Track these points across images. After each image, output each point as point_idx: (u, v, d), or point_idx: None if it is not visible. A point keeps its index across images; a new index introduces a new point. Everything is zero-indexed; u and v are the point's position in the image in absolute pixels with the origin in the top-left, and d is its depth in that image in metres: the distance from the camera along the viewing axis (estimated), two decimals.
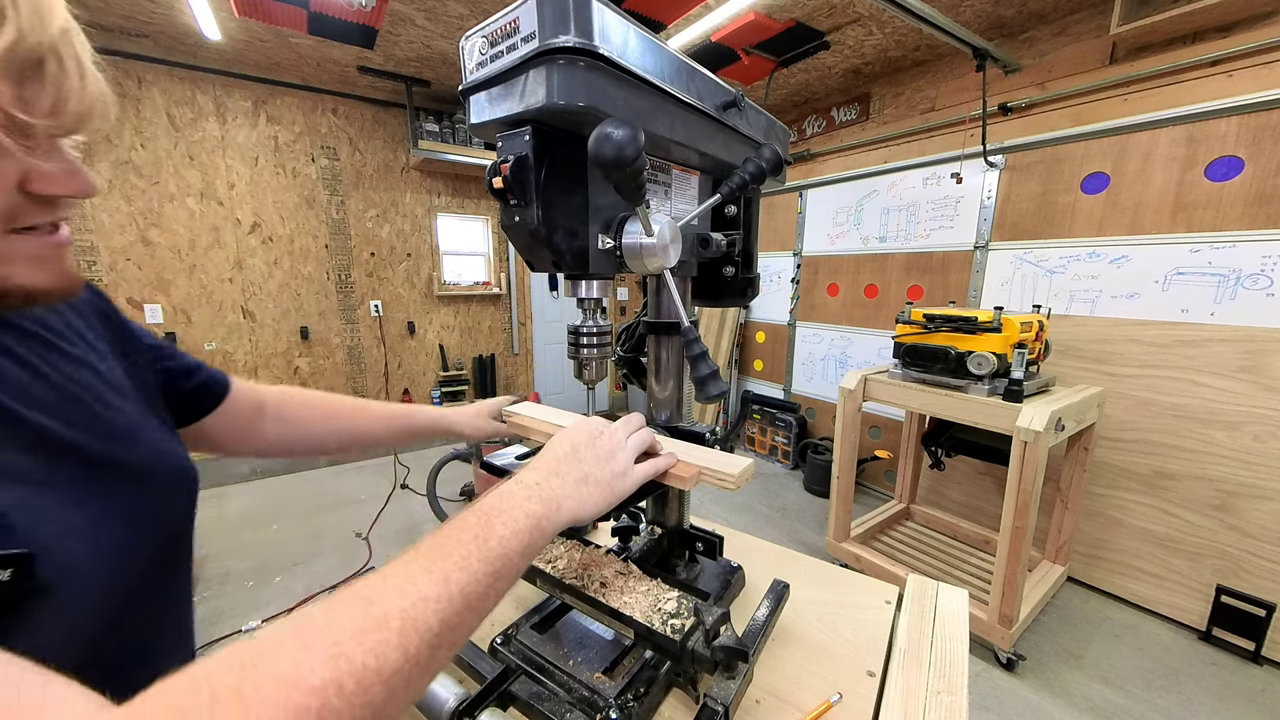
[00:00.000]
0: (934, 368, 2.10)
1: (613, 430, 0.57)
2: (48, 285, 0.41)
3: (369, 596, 0.34)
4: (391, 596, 0.34)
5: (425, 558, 0.38)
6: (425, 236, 4.42)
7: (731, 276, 0.79)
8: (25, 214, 0.38)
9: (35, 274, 0.40)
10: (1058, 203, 2.61)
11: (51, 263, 0.41)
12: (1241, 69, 2.12)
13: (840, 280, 3.70)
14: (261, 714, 0.26)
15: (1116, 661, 2.03)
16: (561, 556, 0.68)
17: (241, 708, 0.26)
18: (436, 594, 0.35)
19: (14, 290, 0.39)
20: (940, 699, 0.61)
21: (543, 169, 0.51)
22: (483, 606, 0.39)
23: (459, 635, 0.37)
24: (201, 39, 3.00)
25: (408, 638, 0.32)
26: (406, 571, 0.36)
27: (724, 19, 2.60)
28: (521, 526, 0.43)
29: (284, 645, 0.30)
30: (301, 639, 0.30)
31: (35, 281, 0.40)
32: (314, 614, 0.32)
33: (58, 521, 0.40)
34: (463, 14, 2.73)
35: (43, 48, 0.34)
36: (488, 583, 0.39)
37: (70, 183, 0.39)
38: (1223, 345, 2.11)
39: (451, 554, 0.38)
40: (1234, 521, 2.10)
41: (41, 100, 0.34)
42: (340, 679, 0.29)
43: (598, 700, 0.59)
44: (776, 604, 0.75)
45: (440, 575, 0.36)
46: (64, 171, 0.39)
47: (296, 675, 0.28)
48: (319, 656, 0.29)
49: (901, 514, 2.92)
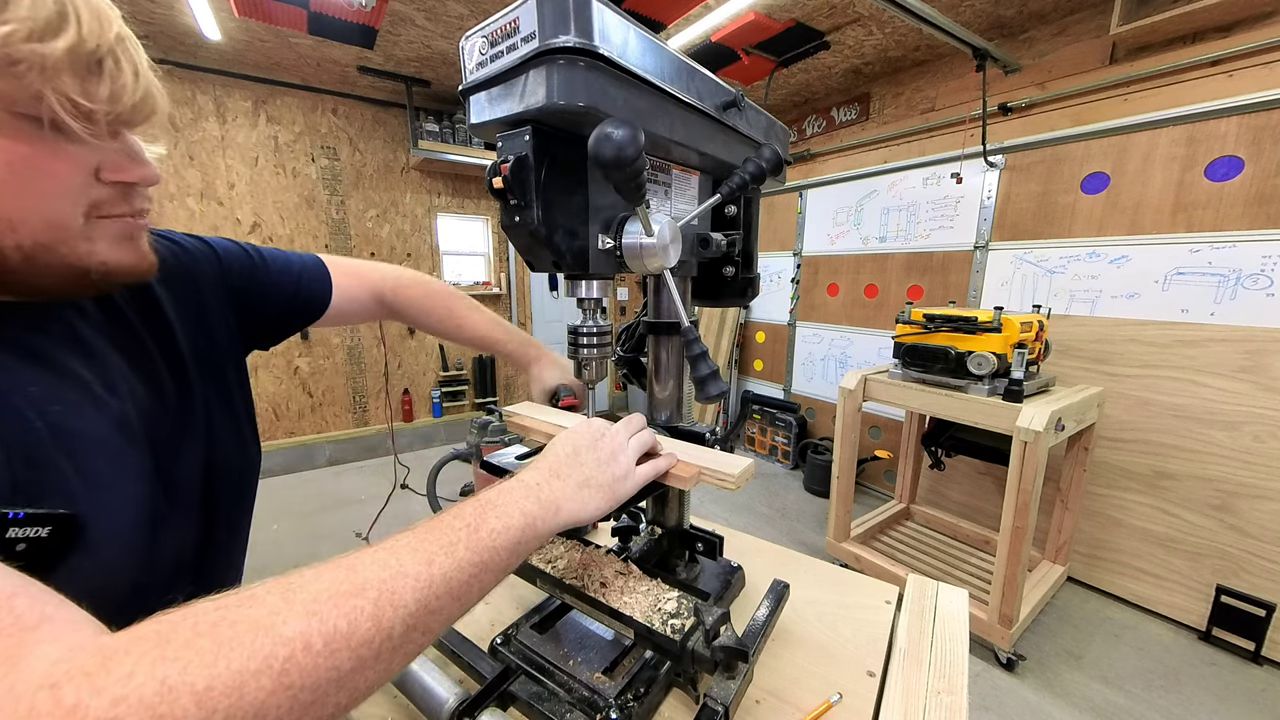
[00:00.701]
0: (934, 368, 2.10)
1: (614, 432, 0.57)
2: (125, 263, 0.46)
3: (353, 565, 0.35)
4: (373, 568, 0.35)
5: (415, 538, 0.39)
6: (425, 236, 4.42)
7: (731, 276, 0.79)
8: (104, 202, 0.44)
9: (113, 252, 0.45)
10: (1058, 203, 2.61)
11: (129, 243, 0.47)
12: (1241, 69, 2.12)
13: (840, 280, 3.70)
14: (232, 653, 0.28)
15: (1116, 661, 2.03)
16: (561, 556, 0.68)
17: (214, 643, 0.28)
18: (417, 573, 0.36)
19: (96, 268, 0.44)
20: (940, 699, 0.61)
21: (543, 169, 0.51)
22: (465, 595, 0.39)
23: (437, 621, 0.37)
24: (201, 39, 2.99)
25: (382, 609, 0.33)
26: (394, 548, 0.38)
27: (724, 19, 2.60)
28: (515, 523, 0.44)
29: (268, 595, 0.32)
30: (283, 592, 0.32)
31: (114, 259, 0.45)
32: (303, 573, 0.34)
33: (116, 490, 0.45)
34: (463, 14, 2.73)
35: (102, 50, 0.40)
36: (472, 572, 0.39)
37: (137, 171, 0.45)
38: (1223, 345, 2.11)
39: (441, 538, 0.40)
40: (1234, 521, 2.10)
41: (100, 91, 0.40)
42: (309, 635, 0.30)
43: (598, 700, 0.59)
44: (776, 604, 0.75)
45: (425, 556, 0.38)
46: (132, 162, 0.45)
47: (270, 622, 0.30)
48: (295, 610, 0.31)
49: (901, 514, 2.92)
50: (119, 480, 0.46)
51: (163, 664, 0.27)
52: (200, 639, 0.28)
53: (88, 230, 0.43)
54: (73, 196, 0.41)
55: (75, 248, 0.42)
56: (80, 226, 0.42)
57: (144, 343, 0.55)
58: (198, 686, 0.26)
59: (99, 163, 0.42)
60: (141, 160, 0.46)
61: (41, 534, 0.38)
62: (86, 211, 0.42)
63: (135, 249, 0.47)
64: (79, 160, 0.41)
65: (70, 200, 0.41)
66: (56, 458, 0.42)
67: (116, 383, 0.50)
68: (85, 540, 0.42)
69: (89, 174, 0.42)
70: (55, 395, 0.45)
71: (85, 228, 0.43)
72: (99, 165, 0.42)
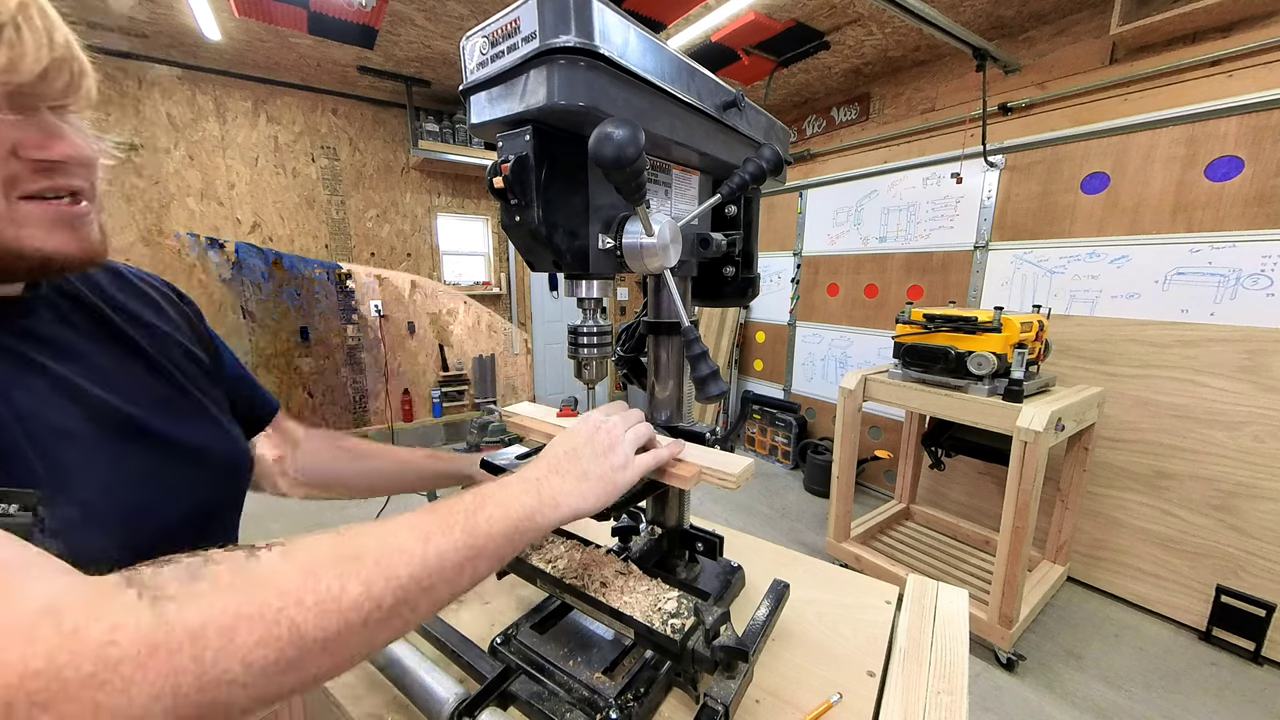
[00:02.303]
0: (934, 368, 2.10)
1: (611, 425, 0.57)
2: (63, 250, 0.44)
3: (353, 534, 0.37)
4: (371, 539, 0.37)
5: (415, 517, 0.41)
6: (425, 236, 4.42)
7: (731, 276, 0.79)
8: (25, 180, 0.41)
9: (48, 238, 0.43)
10: (1058, 203, 2.61)
11: (64, 229, 0.44)
12: (1241, 69, 2.12)
13: (840, 280, 3.70)
14: (229, 597, 0.30)
15: (1116, 661, 2.03)
16: (561, 556, 0.68)
17: (212, 586, 0.30)
18: (413, 549, 0.38)
19: (30, 253, 0.43)
20: (940, 699, 0.61)
21: (543, 169, 0.51)
22: (456, 580, 0.40)
23: (426, 600, 0.38)
24: (201, 39, 2.99)
25: (374, 578, 0.35)
26: (395, 524, 0.39)
27: (724, 19, 2.60)
28: (512, 512, 0.45)
29: (267, 553, 0.34)
30: (283, 551, 0.34)
31: (49, 245, 0.43)
32: (303, 538, 0.36)
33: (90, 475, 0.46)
34: (463, 14, 2.73)
35: (1, 17, 0.37)
36: (466, 554, 0.40)
37: (58, 147, 0.42)
38: (1223, 345, 2.11)
39: (439, 521, 0.41)
40: (1234, 521, 2.10)
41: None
42: (302, 592, 0.32)
43: (598, 700, 0.59)
44: (776, 604, 0.75)
45: (421, 534, 0.39)
46: (52, 138, 0.42)
47: (267, 576, 0.32)
48: (293, 568, 0.33)
49: (901, 514, 2.91)
50: (90, 472, 0.46)
51: (161, 601, 0.28)
52: (198, 583, 0.29)
53: (11, 213, 0.41)
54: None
55: (1, 231, 0.41)
56: (2, 209, 0.41)
57: (125, 338, 0.56)
58: (192, 623, 0.27)
59: (18, 139, 0.41)
60: (62, 135, 0.43)
61: (9, 510, 0.38)
62: (3, 190, 0.41)
63: (75, 235, 0.45)
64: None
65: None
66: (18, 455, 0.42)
67: (94, 377, 0.50)
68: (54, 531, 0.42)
69: (4, 151, 0.40)
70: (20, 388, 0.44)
71: (9, 210, 0.41)
72: (17, 141, 0.41)
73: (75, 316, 0.53)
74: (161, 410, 0.55)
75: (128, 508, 0.48)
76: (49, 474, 0.43)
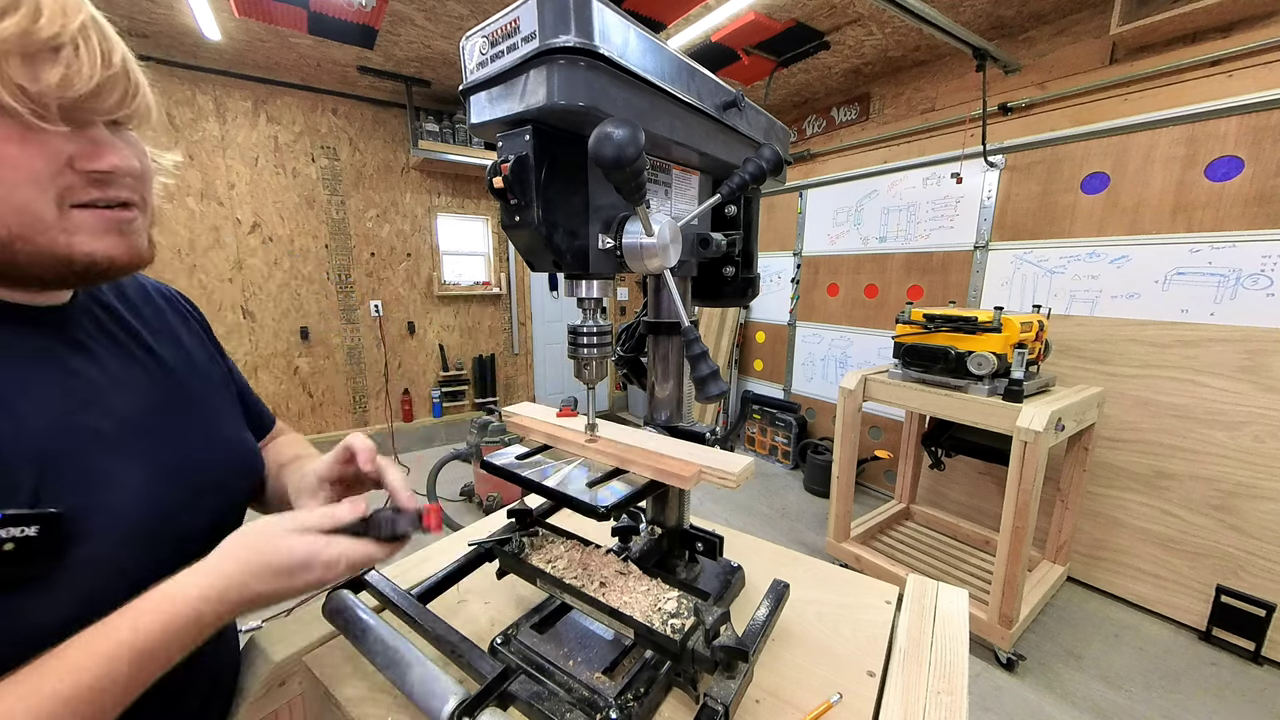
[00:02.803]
0: (934, 368, 2.10)
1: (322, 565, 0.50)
2: (110, 255, 0.46)
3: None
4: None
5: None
6: (425, 236, 4.42)
7: (731, 276, 0.79)
8: (79, 191, 0.43)
9: (95, 243, 0.45)
10: (1058, 203, 2.60)
11: (112, 234, 0.46)
12: (1241, 69, 2.12)
13: (840, 280, 3.70)
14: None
15: (1116, 661, 2.03)
16: (561, 556, 0.68)
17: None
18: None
19: (79, 258, 0.45)
20: (940, 699, 0.61)
21: (543, 169, 0.51)
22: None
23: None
24: (201, 39, 2.99)
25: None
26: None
27: (724, 19, 2.60)
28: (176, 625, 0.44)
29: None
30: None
31: (98, 250, 0.45)
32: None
33: (111, 475, 0.47)
34: (463, 14, 2.72)
35: (63, 37, 0.39)
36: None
37: (108, 159, 0.44)
38: (1223, 345, 2.11)
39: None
40: (1234, 521, 2.10)
41: (49, 77, 0.39)
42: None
43: (598, 700, 0.59)
44: (776, 604, 0.74)
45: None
46: (103, 150, 0.44)
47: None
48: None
49: (901, 514, 2.91)
50: (122, 476, 0.48)
51: None
52: None
53: (64, 221, 0.43)
54: (41, 184, 0.41)
55: (54, 239, 0.43)
56: (55, 217, 0.42)
57: (148, 345, 0.58)
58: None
59: (74, 152, 0.43)
60: (114, 148, 0.45)
61: (30, 533, 0.39)
62: (58, 199, 0.42)
63: (122, 241, 0.47)
64: (48, 148, 0.41)
65: (39, 188, 0.41)
66: (59, 456, 0.43)
67: (122, 382, 0.52)
68: (85, 535, 0.43)
69: (61, 163, 0.42)
70: (60, 394, 0.46)
71: (61, 219, 0.43)
72: (74, 154, 0.43)
73: (111, 326, 0.56)
74: (186, 416, 0.57)
75: (151, 514, 0.49)
76: (81, 480, 0.44)
